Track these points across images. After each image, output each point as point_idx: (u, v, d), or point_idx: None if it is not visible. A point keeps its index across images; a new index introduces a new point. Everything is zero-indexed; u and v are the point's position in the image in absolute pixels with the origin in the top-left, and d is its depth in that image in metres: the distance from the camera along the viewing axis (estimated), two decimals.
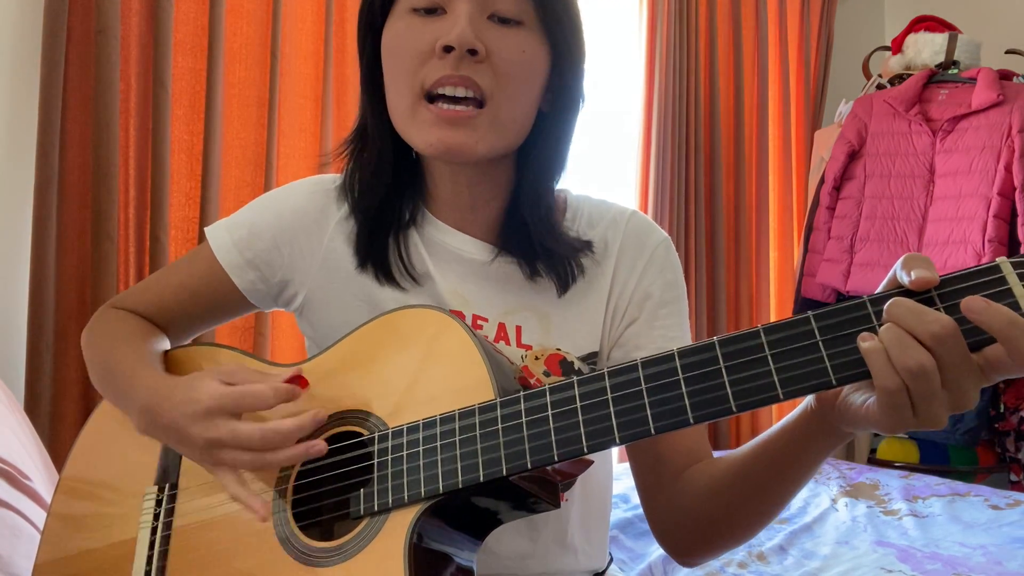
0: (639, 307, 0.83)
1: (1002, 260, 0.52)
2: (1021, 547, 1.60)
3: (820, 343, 0.54)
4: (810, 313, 0.55)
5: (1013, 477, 2.70)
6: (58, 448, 1.55)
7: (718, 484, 0.75)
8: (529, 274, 0.82)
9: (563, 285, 0.81)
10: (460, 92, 0.73)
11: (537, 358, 0.79)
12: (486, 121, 0.74)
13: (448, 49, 0.72)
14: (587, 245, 0.82)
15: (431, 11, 0.74)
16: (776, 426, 0.68)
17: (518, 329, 0.81)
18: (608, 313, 0.83)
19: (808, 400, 0.63)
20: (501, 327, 0.81)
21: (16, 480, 1.04)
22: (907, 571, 1.49)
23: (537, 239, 0.80)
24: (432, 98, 0.74)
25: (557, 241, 0.80)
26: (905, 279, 0.53)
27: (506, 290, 0.82)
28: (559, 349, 0.80)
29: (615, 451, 0.96)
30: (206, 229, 0.89)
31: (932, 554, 1.59)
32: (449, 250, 0.83)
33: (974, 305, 0.50)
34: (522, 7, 0.75)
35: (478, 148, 0.74)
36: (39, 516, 1.01)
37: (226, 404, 0.67)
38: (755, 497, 0.72)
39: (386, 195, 0.82)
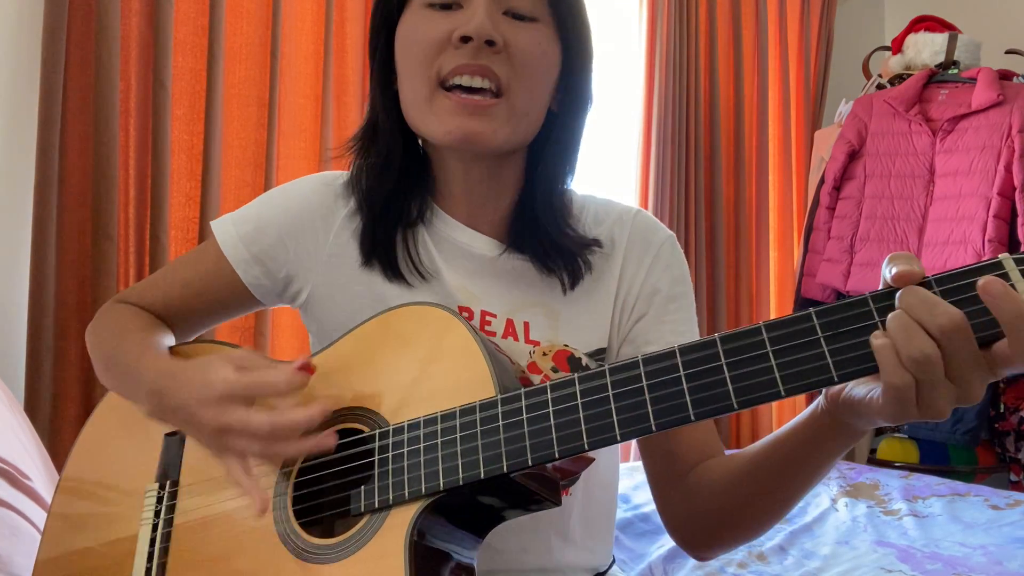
0: (647, 302, 0.84)
1: (1004, 256, 0.51)
2: (1021, 547, 1.60)
3: (822, 339, 0.54)
4: (812, 310, 0.55)
5: (1013, 477, 2.70)
6: (58, 448, 1.55)
7: (730, 481, 0.75)
8: (538, 270, 0.82)
9: (572, 281, 0.82)
10: (477, 82, 0.73)
11: (545, 354, 0.80)
12: (503, 111, 0.75)
13: (466, 39, 0.73)
14: (595, 242, 0.83)
15: (447, 6, 0.76)
16: (788, 425, 0.68)
17: (526, 325, 0.81)
18: (616, 309, 0.83)
19: (818, 400, 0.63)
20: (509, 323, 0.81)
21: (16, 480, 1.04)
22: (907, 571, 1.49)
23: (548, 235, 0.81)
24: (449, 88, 0.75)
25: (567, 238, 0.81)
26: (887, 275, 0.53)
27: (514, 286, 0.83)
28: (567, 345, 0.81)
29: (619, 449, 0.95)
30: (212, 223, 0.89)
31: (932, 554, 1.59)
32: (458, 246, 0.84)
33: (992, 288, 0.49)
34: (537, 5, 0.77)
35: (496, 137, 0.75)
36: (39, 516, 1.01)
37: (238, 391, 0.66)
38: (766, 495, 0.73)
39: (393, 191, 0.83)
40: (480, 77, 0.73)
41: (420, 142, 0.85)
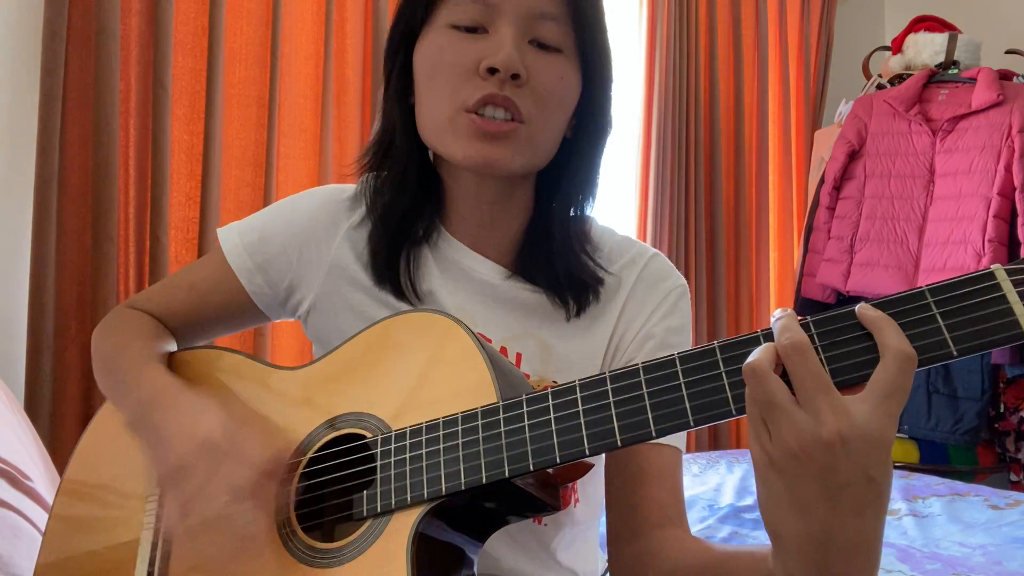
0: (639, 347, 0.82)
1: (996, 267, 0.51)
2: (1021, 547, 1.60)
3: (819, 348, 0.53)
4: (809, 319, 0.55)
5: (1013, 477, 2.71)
6: (58, 448, 1.55)
7: (684, 571, 0.71)
8: (540, 300, 0.82)
9: (574, 312, 0.81)
10: (500, 114, 0.74)
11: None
12: (523, 138, 0.75)
13: (493, 71, 0.72)
14: (599, 281, 0.82)
15: (472, 29, 0.75)
16: (753, 547, 0.65)
17: (518, 356, 0.80)
18: (609, 349, 0.82)
19: None
20: (502, 352, 0.80)
21: (16, 480, 1.04)
22: (907, 571, 1.49)
23: (558, 263, 0.80)
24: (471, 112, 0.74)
25: (582, 266, 0.81)
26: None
27: (512, 315, 0.82)
28: (555, 382, 0.80)
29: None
30: (218, 231, 0.89)
31: (932, 554, 1.59)
32: (461, 269, 0.83)
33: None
34: (563, 36, 0.76)
35: (514, 163, 0.75)
36: (39, 516, 1.01)
37: (214, 451, 0.66)
38: None
39: (406, 210, 0.82)
40: (503, 110, 0.74)
41: (431, 158, 0.84)
